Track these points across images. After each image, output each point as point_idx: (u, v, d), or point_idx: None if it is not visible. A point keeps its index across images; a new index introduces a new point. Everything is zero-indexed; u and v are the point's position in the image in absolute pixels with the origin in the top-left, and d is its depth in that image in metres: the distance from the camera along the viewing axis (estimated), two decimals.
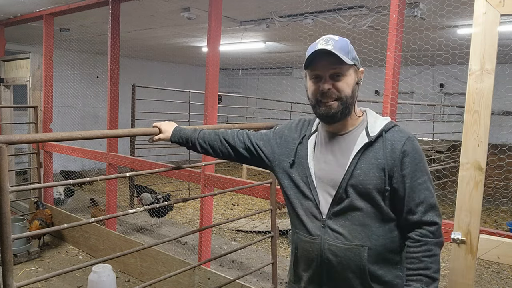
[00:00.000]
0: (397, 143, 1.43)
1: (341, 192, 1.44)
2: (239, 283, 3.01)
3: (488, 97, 1.84)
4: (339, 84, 1.44)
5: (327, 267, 1.45)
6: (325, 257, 1.45)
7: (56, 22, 5.26)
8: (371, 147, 1.45)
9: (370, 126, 1.48)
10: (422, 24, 4.61)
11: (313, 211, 1.49)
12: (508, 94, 6.16)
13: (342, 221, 1.43)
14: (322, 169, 1.50)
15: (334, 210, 1.45)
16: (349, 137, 1.50)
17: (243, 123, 8.59)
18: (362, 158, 1.44)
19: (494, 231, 1.95)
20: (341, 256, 1.42)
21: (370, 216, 1.42)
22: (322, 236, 1.45)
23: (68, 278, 3.72)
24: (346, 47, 1.46)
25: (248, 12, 4.75)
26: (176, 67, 10.80)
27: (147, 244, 2.34)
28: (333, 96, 1.44)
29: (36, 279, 1.79)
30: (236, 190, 3.19)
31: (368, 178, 1.41)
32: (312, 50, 1.46)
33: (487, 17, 1.83)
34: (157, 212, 5.26)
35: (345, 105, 1.45)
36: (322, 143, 1.55)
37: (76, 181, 1.96)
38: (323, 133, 1.56)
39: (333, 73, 1.45)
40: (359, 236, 1.41)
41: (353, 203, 1.42)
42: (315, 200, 1.48)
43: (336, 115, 1.46)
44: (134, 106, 6.41)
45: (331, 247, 1.43)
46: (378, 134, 1.45)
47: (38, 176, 5.02)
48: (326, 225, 1.45)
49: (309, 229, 1.49)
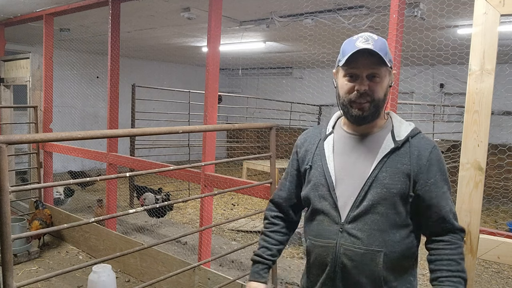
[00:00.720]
0: (424, 150, 1.42)
1: (363, 195, 1.41)
2: (239, 283, 3.01)
3: (488, 97, 1.84)
4: (374, 85, 1.40)
5: (342, 271, 1.43)
6: (340, 262, 1.42)
7: (56, 22, 5.26)
8: (397, 151, 1.42)
9: (396, 130, 1.46)
10: (422, 24, 4.61)
11: (332, 214, 1.45)
12: (508, 94, 6.16)
13: (360, 225, 1.40)
14: (344, 169, 1.47)
15: (354, 214, 1.41)
16: (373, 139, 1.47)
17: (243, 123, 8.60)
18: (388, 162, 1.41)
19: (494, 231, 1.94)
20: (357, 261, 1.40)
21: (389, 221, 1.40)
22: (338, 240, 1.43)
23: (68, 278, 3.72)
24: (385, 47, 1.41)
25: (248, 12, 4.75)
26: (176, 67, 10.80)
27: (147, 244, 2.34)
28: (368, 97, 1.40)
29: (36, 279, 1.79)
30: (236, 190, 3.19)
31: (393, 182, 1.39)
32: (352, 48, 1.38)
33: (487, 17, 1.83)
34: (156, 212, 5.26)
35: (376, 107, 1.42)
36: (344, 143, 1.51)
37: (76, 181, 1.96)
38: (342, 134, 1.53)
39: (371, 73, 1.40)
40: (377, 241, 1.39)
41: (374, 207, 1.39)
42: (335, 202, 1.45)
43: (367, 117, 1.43)
44: (134, 106, 6.41)
45: (347, 252, 1.41)
46: (404, 140, 1.43)
47: (38, 176, 5.02)
48: (344, 229, 1.42)
49: (324, 234, 1.46)
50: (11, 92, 5.87)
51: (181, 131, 2.28)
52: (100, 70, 8.16)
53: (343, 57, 1.42)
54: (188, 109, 7.06)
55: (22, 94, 5.81)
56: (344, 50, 1.43)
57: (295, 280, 3.99)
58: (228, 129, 2.87)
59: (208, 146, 3.50)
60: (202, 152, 3.54)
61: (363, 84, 1.40)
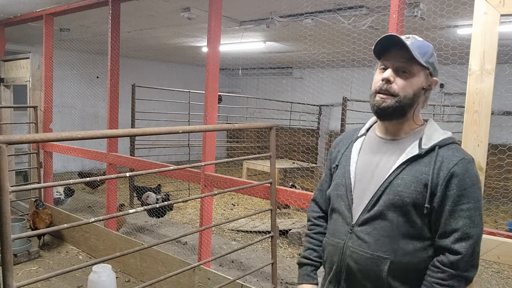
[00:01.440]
0: (448, 161, 1.33)
1: (375, 200, 1.39)
2: (239, 283, 3.01)
3: (488, 97, 1.84)
4: (401, 80, 1.37)
5: (347, 273, 1.43)
6: (345, 263, 1.43)
7: (56, 22, 5.26)
8: (420, 160, 1.36)
9: (425, 138, 1.39)
10: (422, 24, 4.61)
11: (345, 215, 1.46)
12: (508, 94, 6.16)
13: (369, 229, 1.39)
14: (363, 172, 1.46)
15: (364, 217, 1.41)
16: (398, 144, 1.44)
17: (243, 123, 8.60)
18: (407, 169, 1.37)
19: (494, 231, 1.94)
20: (362, 265, 1.39)
21: (400, 230, 1.35)
22: (346, 241, 1.43)
23: (68, 278, 3.72)
24: (425, 49, 1.39)
25: (248, 12, 4.75)
26: (176, 67, 10.80)
27: (147, 244, 2.34)
28: (391, 90, 1.37)
29: (36, 279, 1.79)
30: (236, 190, 3.19)
31: (407, 191, 1.34)
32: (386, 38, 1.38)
33: (487, 17, 1.83)
34: (156, 212, 5.26)
35: (400, 103, 1.37)
36: (370, 146, 1.51)
37: (76, 181, 1.96)
38: (373, 137, 1.52)
39: (400, 67, 1.37)
40: (384, 248, 1.36)
41: (384, 213, 1.37)
42: (350, 203, 1.45)
43: (386, 110, 1.38)
44: (134, 106, 6.41)
45: (353, 254, 1.41)
46: (430, 148, 1.37)
47: (38, 176, 5.02)
48: (353, 231, 1.42)
49: (336, 233, 1.48)
50: (11, 92, 5.87)
51: (181, 131, 2.28)
52: (100, 70, 8.16)
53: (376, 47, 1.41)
54: (188, 109, 7.06)
55: (22, 94, 5.81)
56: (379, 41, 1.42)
57: (295, 280, 3.99)
58: (228, 129, 2.87)
59: (208, 146, 3.50)
60: (202, 152, 3.54)
61: (389, 74, 1.38)
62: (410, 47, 1.34)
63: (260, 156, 3.08)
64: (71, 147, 4.76)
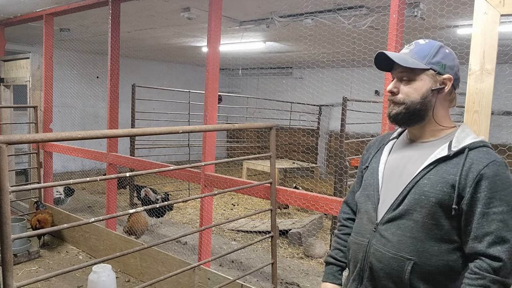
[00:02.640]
0: (478, 163, 1.30)
1: (400, 199, 1.39)
2: (239, 283, 3.01)
3: (488, 97, 1.84)
4: (404, 88, 1.43)
5: (370, 271, 1.43)
6: (368, 261, 1.43)
7: (56, 22, 5.26)
8: (448, 161, 1.35)
9: (456, 141, 1.37)
10: (422, 24, 4.61)
11: (371, 214, 1.47)
12: (508, 94, 6.16)
13: (394, 228, 1.39)
14: (391, 173, 1.48)
15: (389, 216, 1.41)
16: (426, 147, 1.44)
17: (243, 123, 8.59)
18: (434, 170, 1.36)
19: None
20: (384, 264, 1.38)
21: (426, 231, 1.33)
22: (371, 239, 1.44)
23: (68, 278, 3.72)
24: (425, 51, 1.41)
25: (248, 12, 4.75)
26: (176, 67, 10.80)
27: (147, 244, 2.34)
28: (396, 100, 1.44)
29: (36, 279, 1.79)
30: (236, 190, 3.19)
31: (433, 190, 1.33)
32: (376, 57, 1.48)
33: (487, 17, 1.83)
34: (156, 212, 5.26)
35: (408, 110, 1.41)
36: (400, 148, 1.53)
37: (76, 181, 1.96)
38: (403, 140, 1.55)
39: (401, 76, 1.43)
40: (408, 248, 1.35)
41: (409, 213, 1.36)
42: (376, 202, 1.47)
43: (397, 117, 1.44)
44: (134, 106, 6.41)
45: (376, 253, 1.41)
46: (459, 150, 1.34)
47: (38, 176, 5.02)
48: (378, 230, 1.43)
49: (360, 232, 1.50)
50: (11, 92, 5.88)
51: (181, 131, 2.28)
52: (100, 70, 8.16)
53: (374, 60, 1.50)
54: (188, 109, 7.06)
55: (22, 94, 5.81)
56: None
57: (295, 280, 3.99)
58: (228, 129, 2.87)
59: (208, 146, 3.50)
60: (202, 152, 3.54)
61: (392, 85, 1.46)
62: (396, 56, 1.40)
63: (260, 156, 3.08)
64: (71, 147, 4.76)
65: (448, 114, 1.48)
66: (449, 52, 1.45)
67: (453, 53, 1.46)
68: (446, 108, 1.46)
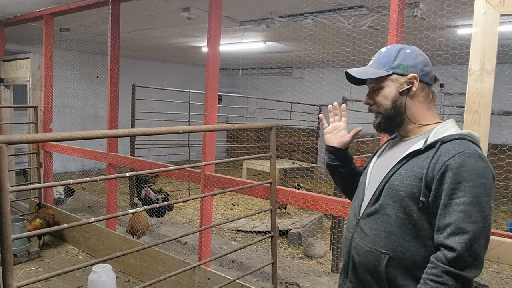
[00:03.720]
0: (445, 155, 1.29)
1: (377, 195, 1.45)
2: (239, 283, 3.01)
3: (488, 97, 1.84)
4: (376, 98, 1.49)
5: (352, 264, 1.49)
6: (351, 254, 1.49)
7: (56, 22, 5.26)
8: (420, 155, 1.36)
9: (433, 135, 1.37)
10: (422, 24, 4.61)
11: (356, 210, 1.54)
12: (508, 94, 6.16)
13: (371, 223, 1.44)
14: (376, 172, 1.54)
15: (368, 211, 1.46)
16: (406, 143, 1.49)
17: (243, 123, 8.59)
18: (406, 165, 1.39)
19: (494, 231, 1.94)
20: (363, 257, 1.44)
21: (400, 225, 1.34)
22: (353, 234, 1.50)
23: (68, 278, 3.72)
24: (385, 58, 1.47)
25: (248, 12, 4.75)
26: (176, 67, 10.80)
27: (147, 244, 2.34)
28: (373, 110, 1.51)
29: (36, 279, 1.79)
30: (236, 190, 3.19)
31: (403, 184, 1.35)
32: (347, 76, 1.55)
33: (487, 17, 1.83)
34: (156, 212, 5.26)
35: (385, 117, 1.47)
36: (389, 149, 1.59)
37: (76, 181, 1.96)
38: (395, 140, 1.59)
39: (372, 88, 1.51)
40: (382, 243, 1.37)
41: (383, 208, 1.40)
42: (361, 199, 1.53)
43: (380, 127, 1.51)
44: (134, 106, 6.41)
45: (357, 246, 1.47)
46: (431, 144, 1.34)
47: (38, 176, 5.02)
48: (359, 225, 1.49)
49: (347, 227, 1.56)
50: (11, 92, 5.88)
51: (181, 131, 2.28)
52: (100, 70, 8.16)
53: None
54: (188, 109, 7.06)
55: (22, 94, 5.81)
56: None
57: (295, 280, 3.99)
58: (228, 129, 2.87)
59: (208, 146, 3.50)
60: (202, 152, 3.54)
61: (366, 97, 1.53)
62: (359, 71, 1.49)
63: (260, 156, 3.08)
64: (71, 147, 4.76)
65: (430, 111, 1.46)
66: (410, 51, 1.45)
67: (415, 51, 1.46)
68: (425, 105, 1.45)
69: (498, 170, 6.78)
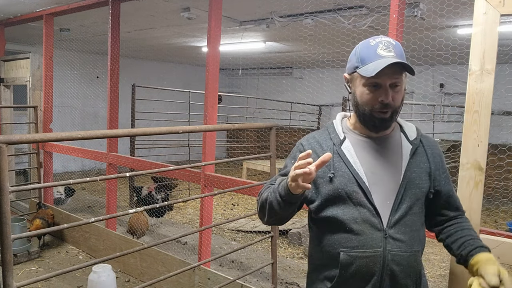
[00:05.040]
0: (434, 148, 1.52)
1: (400, 198, 1.40)
2: (239, 283, 3.01)
3: (488, 97, 1.84)
4: (396, 95, 1.38)
5: (390, 278, 1.38)
6: (388, 269, 1.37)
7: (56, 22, 5.26)
8: (416, 152, 1.48)
9: (405, 130, 1.52)
10: (422, 24, 4.61)
11: (372, 221, 1.38)
12: (508, 94, 6.15)
13: (402, 228, 1.40)
14: (374, 174, 1.42)
15: (395, 217, 1.39)
16: (389, 140, 1.48)
17: (243, 123, 8.60)
18: (413, 163, 1.45)
19: (494, 231, 1.95)
20: (404, 265, 1.39)
21: (420, 220, 1.48)
22: (384, 247, 1.37)
23: (68, 278, 3.72)
24: (403, 52, 1.40)
25: (248, 12, 4.75)
26: (176, 67, 10.80)
27: (147, 244, 2.34)
28: (390, 108, 1.38)
29: (36, 279, 1.79)
30: (236, 190, 3.19)
31: (422, 182, 1.45)
32: (375, 57, 1.35)
33: (487, 17, 1.83)
34: (156, 212, 5.26)
35: (396, 114, 1.44)
36: (363, 148, 1.46)
37: (76, 181, 1.96)
38: (357, 137, 1.48)
39: (394, 83, 1.37)
40: (416, 241, 1.43)
41: (411, 209, 1.42)
42: (375, 208, 1.38)
43: (387, 123, 1.44)
44: (134, 106, 6.41)
45: (395, 257, 1.38)
46: (419, 140, 1.51)
47: (38, 176, 5.02)
48: (388, 235, 1.38)
49: (368, 243, 1.37)
50: (11, 92, 5.88)
51: (181, 131, 2.28)
52: (100, 70, 8.16)
53: (363, 64, 1.37)
54: (188, 109, 7.06)
55: (22, 94, 5.81)
56: (364, 58, 1.38)
57: (295, 280, 3.99)
58: (228, 129, 2.87)
59: (208, 146, 3.50)
60: (202, 152, 3.54)
61: (388, 95, 1.36)
62: (401, 60, 1.34)
63: (260, 156, 3.08)
64: (71, 147, 4.76)
65: None
66: None
67: None
68: None
69: (498, 170, 6.78)
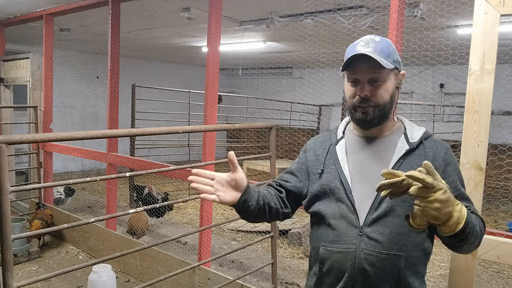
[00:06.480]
0: (439, 151, 1.42)
1: (381, 197, 1.37)
2: (239, 283, 3.01)
3: (488, 97, 1.84)
4: (377, 90, 1.39)
5: (362, 278, 1.37)
6: (360, 267, 1.36)
7: (56, 22, 5.26)
8: (412, 153, 1.42)
9: (409, 132, 1.46)
10: (422, 24, 4.61)
11: (349, 217, 1.40)
12: (508, 94, 6.16)
13: (380, 228, 1.36)
14: (359, 172, 1.44)
15: (373, 216, 1.37)
16: (385, 141, 1.46)
17: (243, 123, 8.59)
18: (404, 164, 1.39)
19: (494, 231, 1.95)
20: (378, 267, 1.35)
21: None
22: (358, 244, 1.37)
23: (68, 278, 3.72)
24: (387, 49, 1.39)
25: (248, 12, 4.75)
26: (176, 67, 10.80)
27: (147, 244, 2.34)
28: (370, 102, 1.39)
29: (36, 279, 1.79)
30: None
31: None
32: (351, 53, 1.38)
33: (487, 17, 1.83)
34: (156, 212, 5.26)
35: (382, 111, 1.41)
36: (355, 147, 1.49)
37: (76, 181, 1.96)
38: (353, 138, 1.51)
39: (372, 78, 1.38)
40: (397, 245, 1.35)
41: (394, 209, 1.36)
42: (353, 204, 1.40)
43: (372, 121, 1.41)
44: (134, 106, 6.41)
45: (368, 257, 1.36)
46: (418, 142, 1.43)
47: (38, 176, 5.02)
48: (364, 233, 1.37)
49: (343, 239, 1.40)
50: (11, 92, 5.88)
51: (181, 131, 2.28)
52: (100, 70, 8.16)
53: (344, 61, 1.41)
54: (188, 109, 7.06)
55: (22, 94, 5.81)
56: (346, 55, 1.42)
57: (295, 280, 3.99)
58: (228, 129, 2.87)
59: (208, 146, 3.50)
60: (202, 152, 3.54)
61: (364, 90, 1.39)
62: (377, 56, 1.35)
63: (260, 156, 3.07)
64: (71, 147, 4.76)
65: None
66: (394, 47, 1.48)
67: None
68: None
69: (498, 170, 6.78)
